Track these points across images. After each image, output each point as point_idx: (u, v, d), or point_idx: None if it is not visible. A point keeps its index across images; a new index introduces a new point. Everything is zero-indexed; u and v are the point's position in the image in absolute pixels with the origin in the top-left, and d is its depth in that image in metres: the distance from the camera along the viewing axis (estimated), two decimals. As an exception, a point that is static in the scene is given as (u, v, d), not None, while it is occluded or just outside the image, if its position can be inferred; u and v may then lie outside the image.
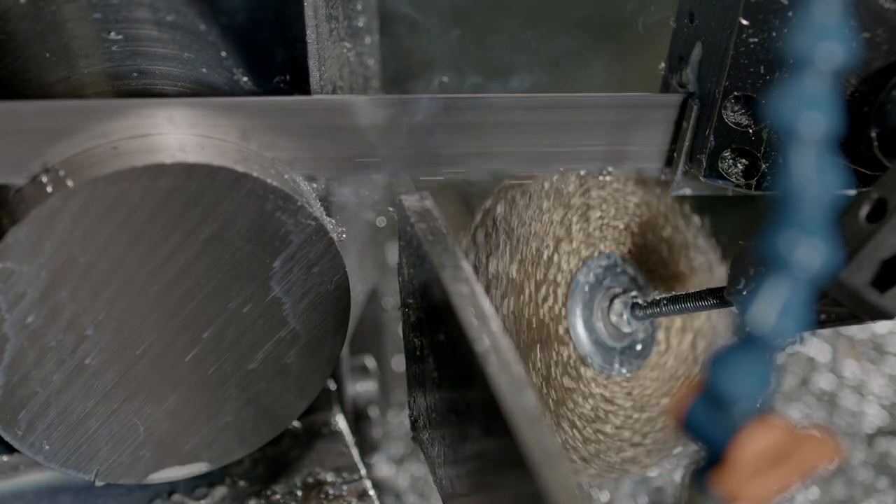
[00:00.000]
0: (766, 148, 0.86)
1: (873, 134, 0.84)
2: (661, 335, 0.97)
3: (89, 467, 0.87)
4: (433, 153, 0.87)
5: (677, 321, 0.98)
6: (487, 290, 0.89)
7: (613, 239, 0.94)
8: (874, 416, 1.33)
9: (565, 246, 0.91)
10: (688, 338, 0.98)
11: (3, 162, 0.78)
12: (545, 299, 0.89)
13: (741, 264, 0.82)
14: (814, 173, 0.53)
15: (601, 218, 0.93)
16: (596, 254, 0.93)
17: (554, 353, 0.90)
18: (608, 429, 0.94)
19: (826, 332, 1.39)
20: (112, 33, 0.94)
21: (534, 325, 0.89)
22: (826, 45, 0.53)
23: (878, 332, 1.41)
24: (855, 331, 1.41)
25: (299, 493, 0.95)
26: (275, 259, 0.82)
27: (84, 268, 0.79)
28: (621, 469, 0.97)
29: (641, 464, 0.98)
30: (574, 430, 0.92)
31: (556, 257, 0.90)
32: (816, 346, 1.40)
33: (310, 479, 0.96)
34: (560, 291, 0.90)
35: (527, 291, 0.89)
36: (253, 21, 1.04)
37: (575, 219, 0.92)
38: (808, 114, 0.53)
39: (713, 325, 1.00)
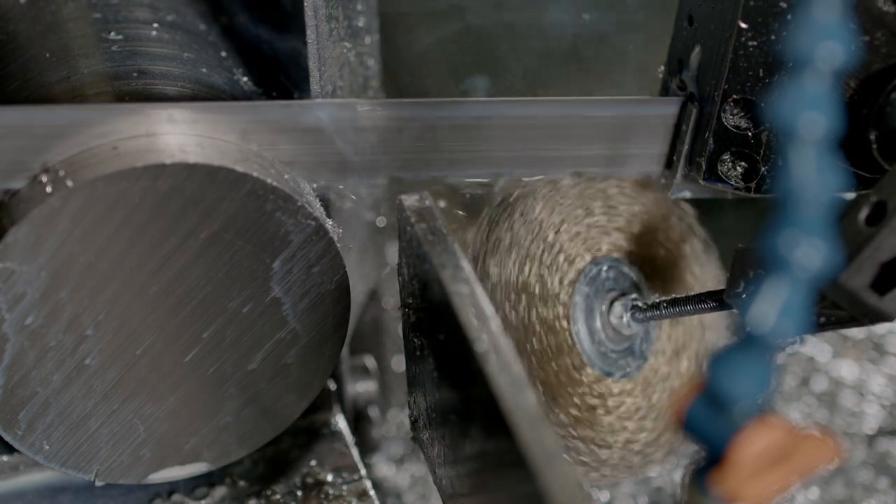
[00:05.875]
0: (765, 150, 0.86)
1: (872, 136, 0.84)
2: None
3: (89, 467, 0.87)
4: (433, 156, 0.87)
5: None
6: (488, 292, 0.89)
7: (614, 241, 0.94)
8: (874, 416, 1.33)
9: (565, 248, 0.91)
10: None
11: (2, 165, 0.78)
12: (547, 301, 0.90)
13: (741, 267, 0.82)
14: (813, 175, 0.53)
15: (602, 220, 0.93)
16: (596, 256, 0.93)
17: (555, 355, 0.90)
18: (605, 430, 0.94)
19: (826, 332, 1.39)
20: (112, 33, 0.94)
21: (536, 327, 0.89)
22: (825, 47, 0.53)
23: (877, 332, 1.41)
24: (855, 331, 1.41)
25: (299, 493, 0.95)
26: (275, 259, 0.82)
27: (84, 268, 0.79)
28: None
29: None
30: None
31: (555, 259, 0.90)
32: (816, 346, 1.40)
33: (310, 479, 0.96)
34: (561, 293, 0.90)
35: (528, 293, 0.89)
36: (253, 21, 1.04)
37: (575, 221, 0.92)
38: (808, 114, 0.53)
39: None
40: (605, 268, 0.93)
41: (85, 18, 0.95)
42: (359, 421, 1.12)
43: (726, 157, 0.87)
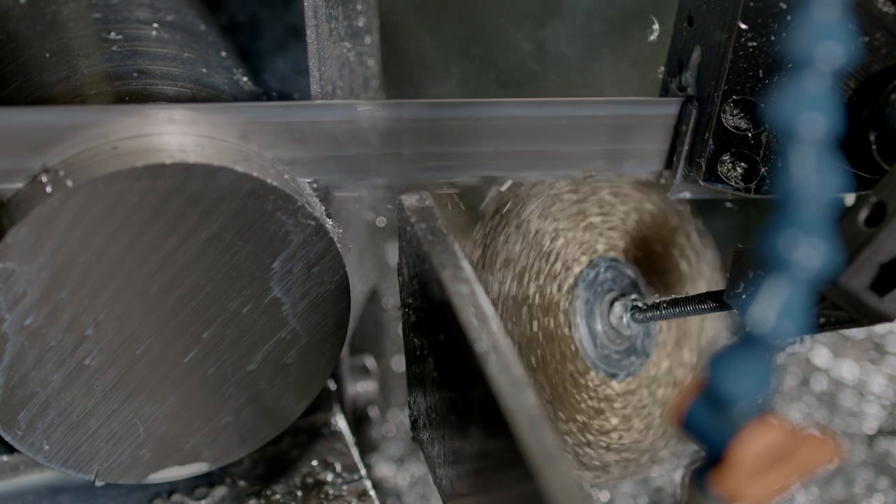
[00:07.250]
0: (765, 151, 0.86)
1: (872, 137, 0.84)
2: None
3: (89, 467, 0.87)
4: (434, 157, 0.87)
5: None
6: (488, 293, 0.89)
7: (614, 242, 0.94)
8: (874, 416, 1.33)
9: (565, 248, 0.91)
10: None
11: (2, 165, 0.78)
12: (547, 301, 0.90)
13: (741, 267, 0.82)
14: (813, 175, 0.53)
15: (602, 221, 0.93)
16: (596, 257, 0.93)
17: (556, 355, 0.90)
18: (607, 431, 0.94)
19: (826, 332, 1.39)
20: (112, 33, 0.94)
21: (536, 327, 0.89)
22: (825, 47, 0.53)
23: (877, 332, 1.41)
24: (855, 331, 1.41)
25: (299, 493, 0.95)
26: (275, 259, 0.82)
27: (84, 268, 0.79)
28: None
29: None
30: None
31: (556, 259, 0.90)
32: (816, 347, 1.40)
33: (310, 479, 0.96)
34: (562, 293, 0.90)
35: (529, 293, 0.89)
36: (253, 21, 1.04)
37: (575, 222, 0.92)
38: (808, 115, 0.53)
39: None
40: (602, 268, 0.93)
41: (85, 18, 0.96)
42: (359, 421, 1.12)
43: (726, 157, 0.87)
